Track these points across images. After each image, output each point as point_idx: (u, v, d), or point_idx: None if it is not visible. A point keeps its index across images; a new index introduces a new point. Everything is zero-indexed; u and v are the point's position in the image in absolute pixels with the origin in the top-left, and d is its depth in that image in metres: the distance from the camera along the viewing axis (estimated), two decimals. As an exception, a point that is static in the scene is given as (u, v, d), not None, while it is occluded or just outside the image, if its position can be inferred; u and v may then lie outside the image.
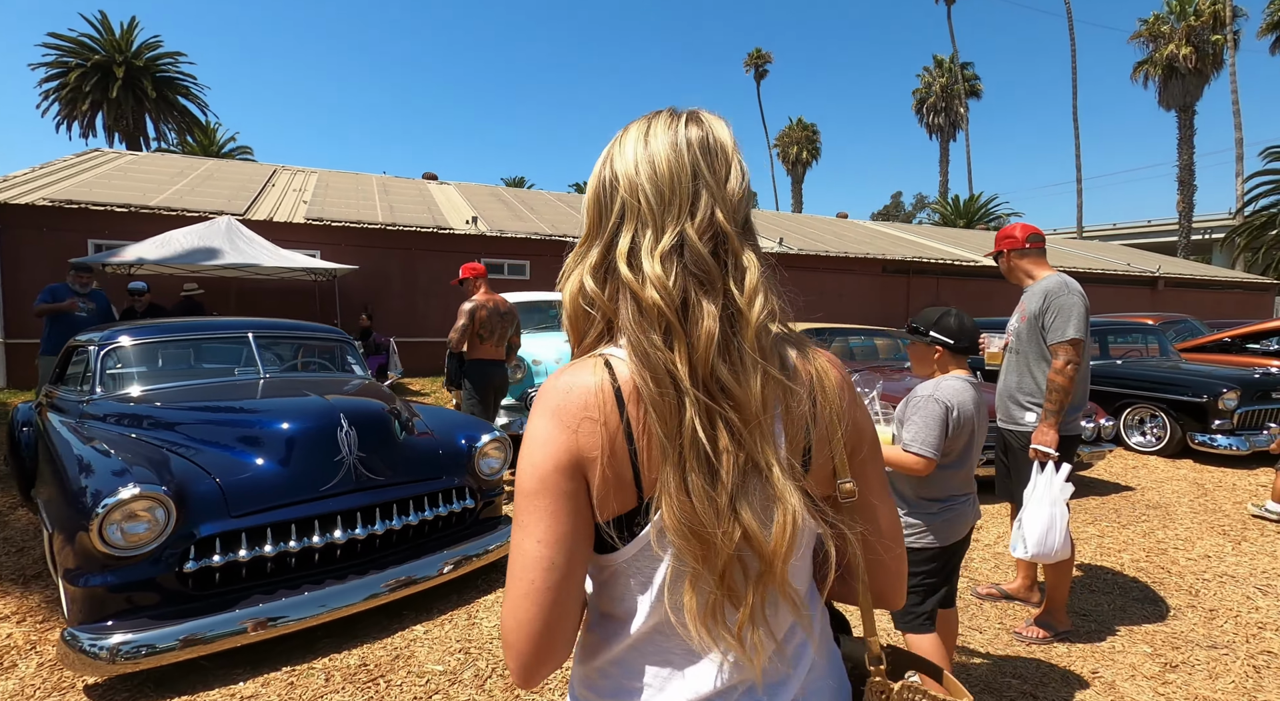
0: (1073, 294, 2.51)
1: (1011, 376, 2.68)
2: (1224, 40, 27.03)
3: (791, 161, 48.69)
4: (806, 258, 14.80)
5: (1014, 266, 2.73)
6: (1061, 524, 2.35)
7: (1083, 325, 2.47)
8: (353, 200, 12.61)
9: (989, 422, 2.14)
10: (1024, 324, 2.62)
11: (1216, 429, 5.67)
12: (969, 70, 39.51)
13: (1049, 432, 2.44)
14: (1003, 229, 2.79)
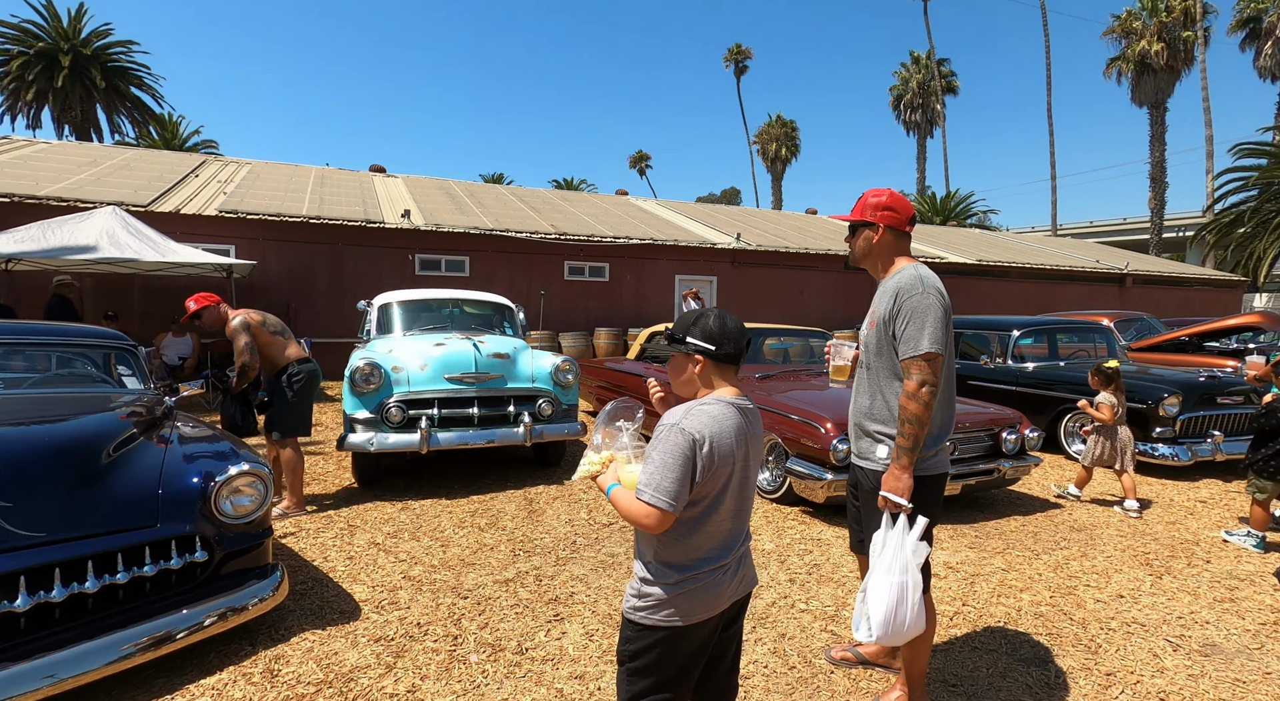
0: (929, 293, 1.93)
1: (862, 398, 2.11)
2: (1195, 37, 26.96)
3: (771, 158, 48.34)
4: (765, 253, 14.31)
5: (877, 248, 2.06)
6: (914, 596, 1.80)
7: (941, 334, 1.91)
8: (281, 192, 11.90)
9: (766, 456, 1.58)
10: (872, 331, 2.06)
11: (1157, 437, 5.22)
12: (946, 67, 39.30)
13: (901, 476, 1.88)
14: (868, 194, 2.09)
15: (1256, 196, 22.40)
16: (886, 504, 1.88)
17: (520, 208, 14.41)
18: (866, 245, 2.07)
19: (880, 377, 2.02)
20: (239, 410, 3.90)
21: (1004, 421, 4.31)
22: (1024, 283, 17.65)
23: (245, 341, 3.71)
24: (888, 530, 1.87)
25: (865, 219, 2.05)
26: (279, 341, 3.92)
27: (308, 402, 4.02)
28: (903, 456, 1.87)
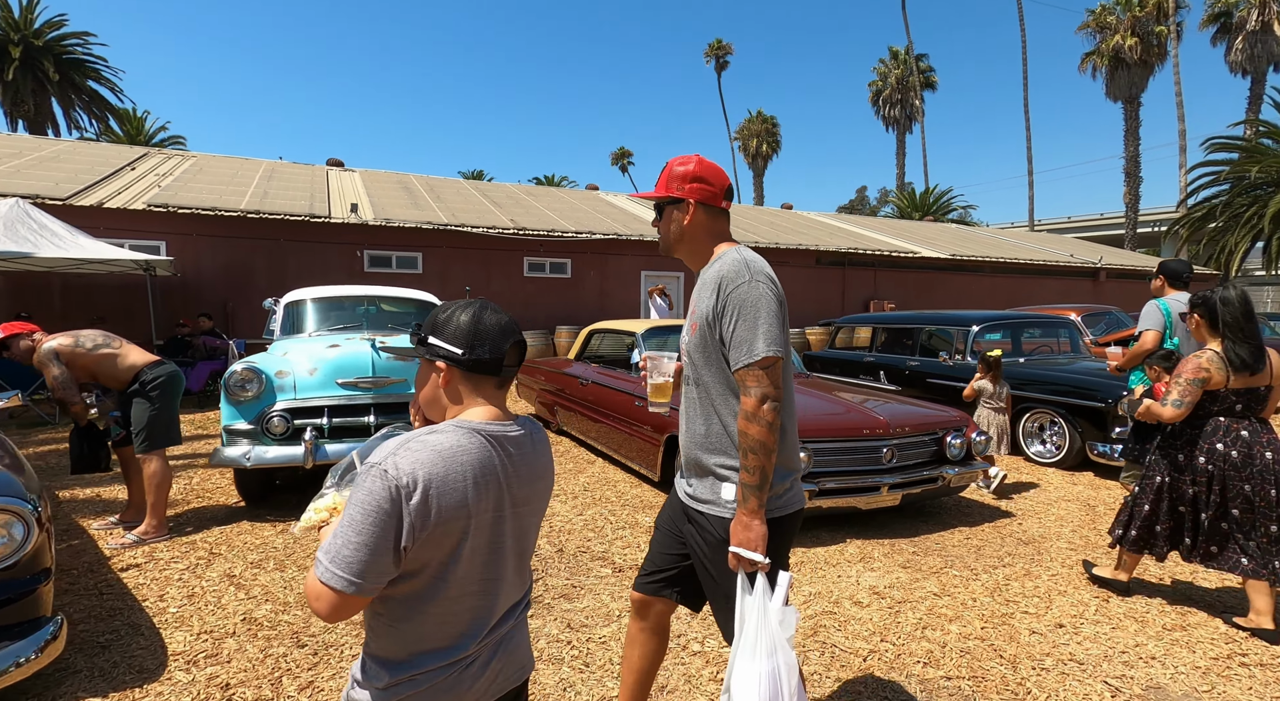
0: (757, 281, 1.47)
1: (694, 423, 1.60)
2: (1167, 31, 27.03)
3: (752, 154, 48.16)
4: (734, 249, 13.95)
5: (690, 231, 1.58)
6: (789, 681, 1.37)
7: (778, 332, 1.46)
8: (222, 186, 11.33)
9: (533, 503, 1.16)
10: (695, 336, 1.57)
11: (1117, 437, 4.92)
12: (924, 62, 39.26)
13: (752, 524, 1.41)
14: (673, 163, 1.60)
15: (1228, 191, 22.47)
16: (740, 562, 1.43)
17: (481, 202, 13.93)
18: (677, 229, 1.59)
19: (714, 395, 1.54)
20: (85, 444, 3.45)
21: (948, 423, 3.97)
22: (998, 277, 17.49)
23: (56, 374, 3.26)
24: (744, 596, 1.43)
25: (671, 194, 1.58)
26: (109, 355, 3.46)
27: (171, 408, 3.58)
28: (750, 497, 1.42)
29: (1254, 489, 2.49)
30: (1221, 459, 2.53)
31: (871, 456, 3.66)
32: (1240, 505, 2.52)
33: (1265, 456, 2.48)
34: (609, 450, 5.02)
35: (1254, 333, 2.48)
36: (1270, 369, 2.52)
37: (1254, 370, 2.48)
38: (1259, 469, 2.48)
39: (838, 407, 3.88)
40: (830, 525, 3.80)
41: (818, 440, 3.55)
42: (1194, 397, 2.53)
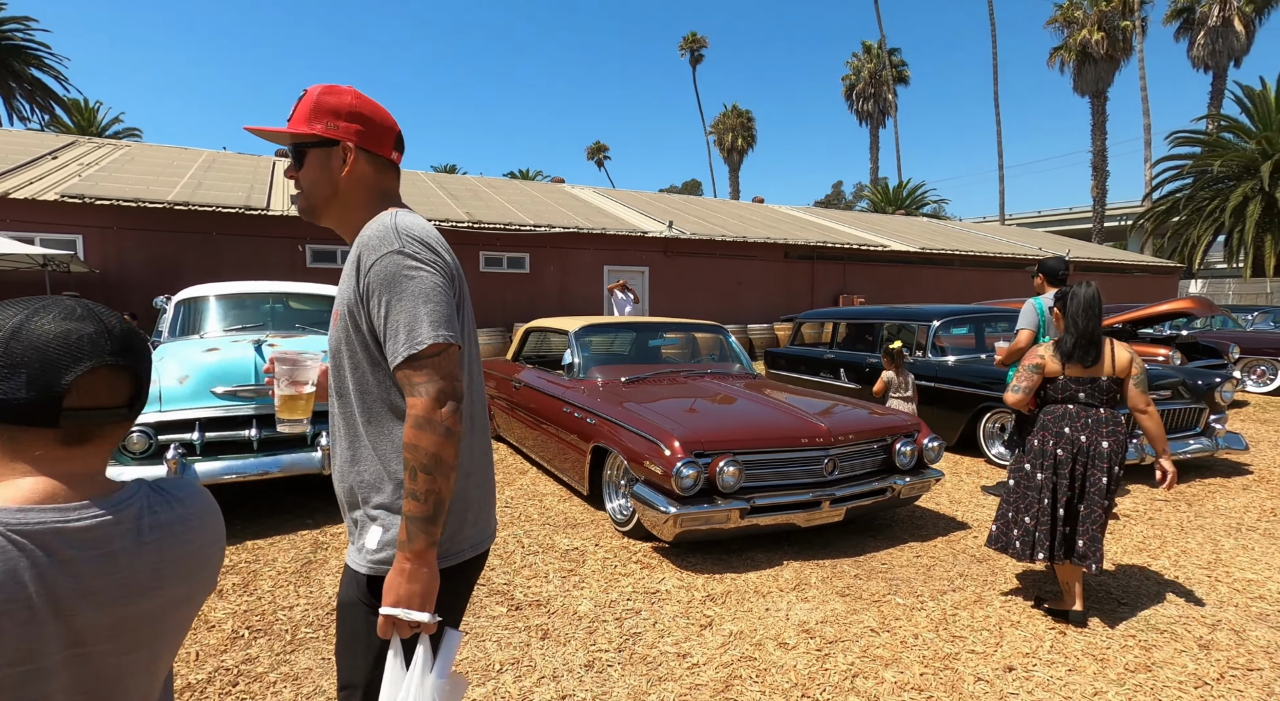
0: (408, 250, 1.07)
1: (340, 445, 1.18)
2: (1133, 26, 27.29)
3: (727, 149, 47.91)
4: (700, 242, 13.60)
5: (348, 188, 1.17)
6: None
7: (449, 311, 1.08)
8: (152, 176, 10.63)
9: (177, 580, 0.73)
10: (335, 329, 1.17)
11: (1080, 439, 4.64)
12: (897, 57, 39.30)
13: (418, 573, 1.02)
14: (317, 91, 1.15)
15: (1191, 185, 22.78)
16: (392, 626, 1.02)
17: (437, 195, 13.36)
18: (327, 184, 1.16)
19: (362, 407, 1.13)
20: None
21: (897, 429, 3.62)
22: (968, 271, 17.40)
23: None
24: (395, 671, 1.01)
25: (317, 134, 1.13)
26: None
27: None
28: (418, 535, 1.02)
29: (1084, 473, 2.63)
30: (1069, 443, 2.63)
31: (811, 468, 3.29)
32: (1080, 488, 2.64)
33: (1102, 444, 2.59)
34: (542, 459, 4.61)
35: (1086, 327, 2.61)
36: (1110, 363, 2.63)
37: (1083, 362, 2.62)
38: (1094, 454, 2.60)
39: (774, 413, 3.50)
40: (768, 545, 3.43)
41: (750, 451, 3.17)
42: (1031, 383, 2.73)
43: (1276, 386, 8.57)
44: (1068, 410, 2.66)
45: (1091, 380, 2.64)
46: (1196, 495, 4.41)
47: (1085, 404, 2.65)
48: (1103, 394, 2.64)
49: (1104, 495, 2.60)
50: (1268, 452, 5.57)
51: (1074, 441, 2.61)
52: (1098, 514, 2.60)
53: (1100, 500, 2.59)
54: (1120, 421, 2.65)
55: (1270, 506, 4.16)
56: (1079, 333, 2.62)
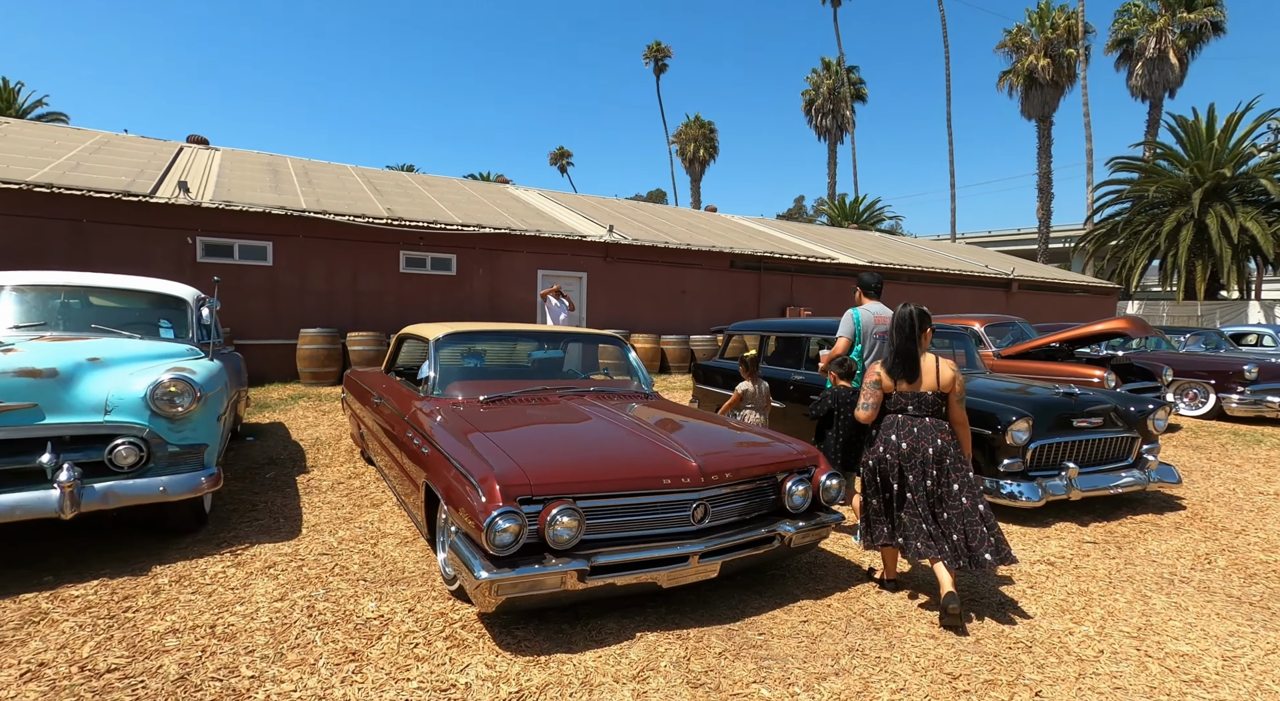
0: None
1: None
2: (1076, 54, 28.21)
3: (689, 159, 47.90)
4: (642, 248, 13.04)
5: None
6: None
7: None
8: (20, 156, 9.47)
9: None
10: None
11: (1005, 470, 4.18)
12: (855, 74, 39.95)
13: None
14: None
15: (1129, 209, 23.51)
16: None
17: (361, 190, 12.46)
18: None
19: None
20: None
21: (790, 464, 3.05)
22: (915, 286, 17.32)
23: None
24: None
25: None
26: None
27: None
28: None
29: (915, 479, 2.87)
30: (894, 449, 2.92)
31: (676, 514, 2.68)
32: (908, 492, 2.88)
33: (927, 451, 2.86)
34: (396, 490, 3.90)
35: (900, 347, 2.92)
36: (935, 378, 2.92)
37: (897, 375, 2.93)
38: (919, 461, 2.86)
39: (637, 445, 2.88)
40: (625, 610, 2.79)
41: (596, 495, 2.54)
42: (874, 399, 3.03)
43: (1209, 410, 8.45)
44: (897, 419, 2.97)
45: (917, 394, 2.93)
46: (1128, 536, 3.98)
47: (913, 415, 2.94)
48: (928, 406, 2.93)
49: (965, 491, 2.83)
50: (1200, 485, 5.25)
51: (897, 448, 2.91)
52: (963, 511, 2.82)
53: (960, 498, 2.83)
54: (945, 428, 2.93)
55: (1204, 551, 3.74)
56: (893, 349, 2.96)
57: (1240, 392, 8.14)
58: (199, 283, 9.17)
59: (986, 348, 8.40)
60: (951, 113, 33.14)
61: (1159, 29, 25.71)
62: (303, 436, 6.12)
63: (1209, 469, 5.75)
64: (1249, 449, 6.66)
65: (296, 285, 9.92)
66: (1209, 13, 25.41)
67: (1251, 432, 7.54)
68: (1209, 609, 3.00)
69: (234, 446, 5.57)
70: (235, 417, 5.29)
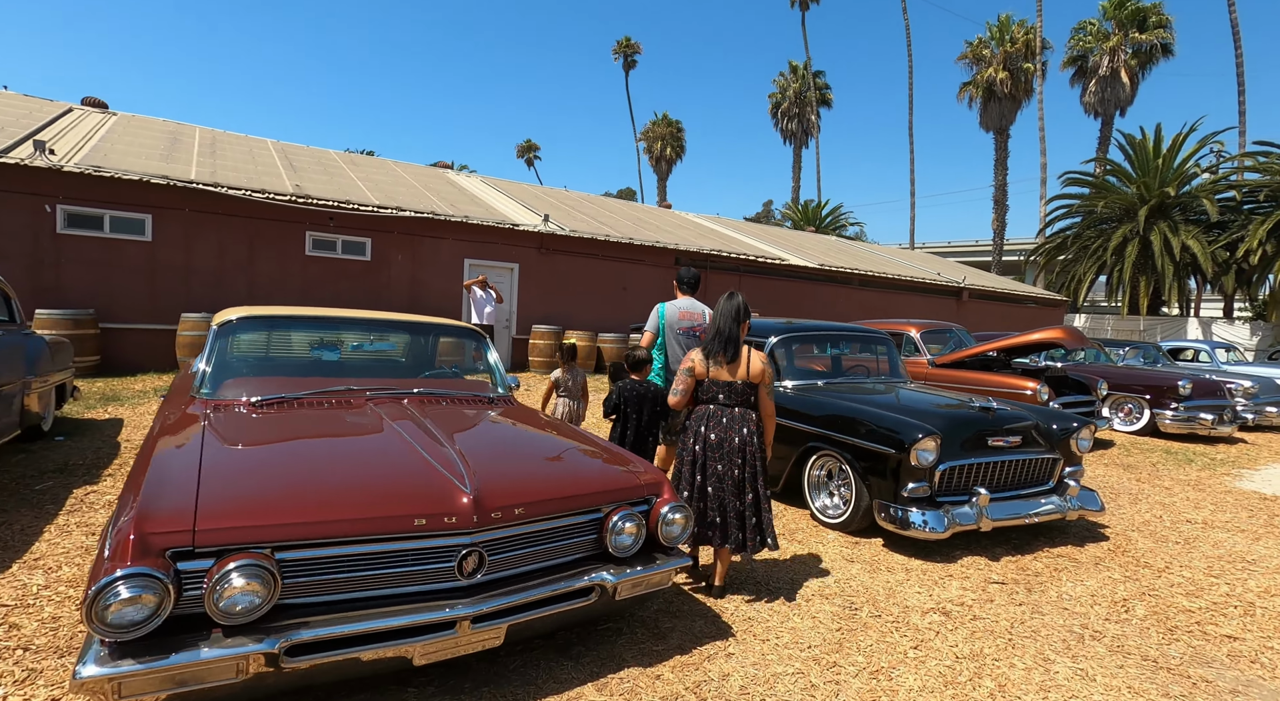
0: None
1: None
2: (1034, 69, 28.60)
3: (656, 157, 47.39)
4: (581, 241, 12.35)
5: None
6: None
7: None
8: None
9: None
10: None
11: (910, 496, 3.63)
12: (821, 79, 39.98)
13: None
14: None
15: (1079, 223, 23.85)
16: None
17: (273, 164, 11.44)
18: None
19: None
20: None
21: (617, 493, 2.41)
22: (866, 291, 17.06)
23: None
24: None
25: None
26: None
27: None
28: None
29: (724, 468, 2.90)
30: (703, 440, 2.93)
31: (435, 565, 2.00)
32: (714, 482, 2.90)
33: (734, 440, 2.90)
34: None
35: (724, 329, 2.93)
36: (745, 369, 2.92)
37: (717, 358, 2.93)
38: (727, 451, 2.89)
39: (396, 468, 2.19)
40: (379, 689, 2.10)
41: (302, 542, 1.83)
42: (684, 386, 3.02)
43: (1143, 425, 8.19)
44: (709, 410, 2.98)
45: (729, 384, 2.95)
46: (1041, 575, 3.47)
47: (724, 404, 2.96)
48: (738, 395, 2.95)
49: (754, 481, 2.91)
50: (1127, 509, 4.83)
51: (704, 438, 2.94)
52: (749, 500, 2.90)
53: (751, 487, 2.90)
54: (752, 418, 2.97)
55: (1122, 596, 3.25)
56: (716, 333, 2.96)
57: (1174, 409, 7.89)
58: (61, 258, 8.12)
59: (922, 355, 7.98)
60: (914, 122, 33.42)
61: (1112, 48, 26.20)
62: (134, 437, 5.24)
63: (1137, 491, 5.36)
64: (1179, 469, 6.34)
65: (180, 264, 8.91)
66: (1159, 34, 26.01)
67: (1184, 450, 7.28)
68: (1120, 679, 2.47)
69: (29, 446, 4.67)
70: (27, 412, 4.41)
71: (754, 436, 2.91)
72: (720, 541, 2.90)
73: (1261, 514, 4.88)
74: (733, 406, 2.93)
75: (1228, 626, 2.98)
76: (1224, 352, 12.51)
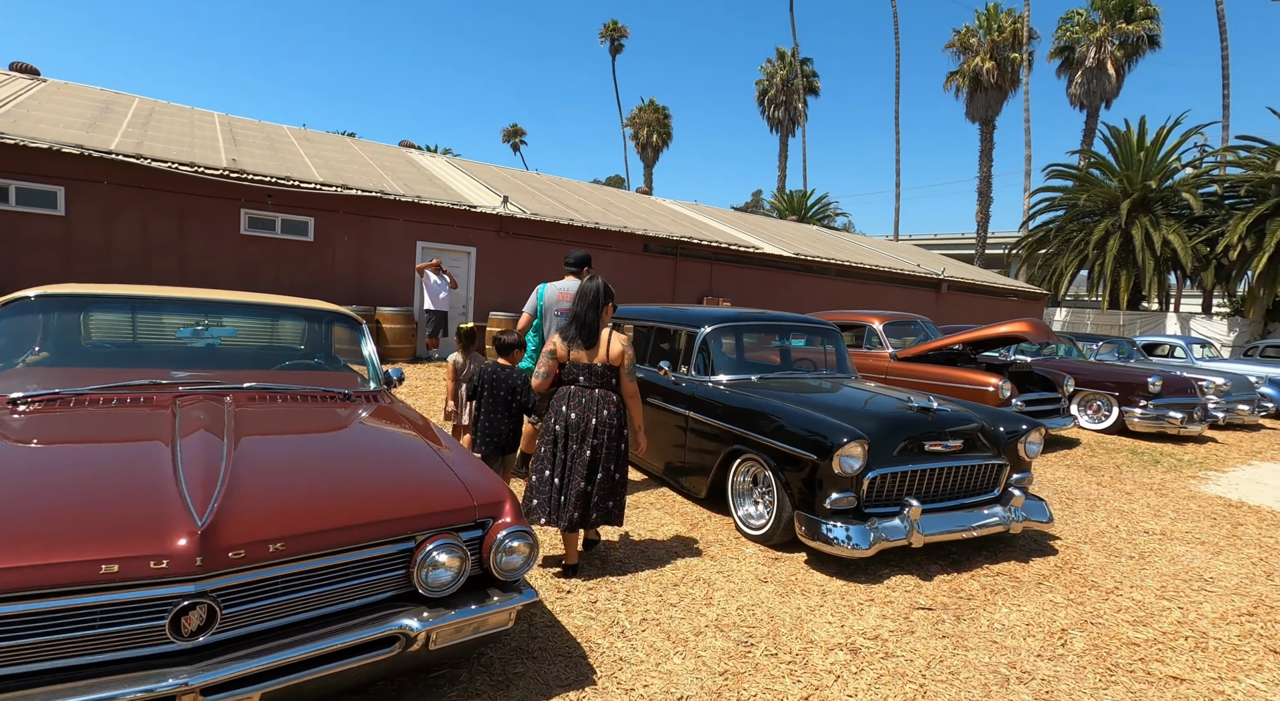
0: None
1: None
2: (1020, 59, 28.19)
3: (643, 144, 46.64)
4: (544, 224, 11.82)
5: None
6: None
7: None
8: None
9: None
10: None
11: (832, 507, 3.22)
12: (809, 66, 39.35)
13: None
14: None
15: (1062, 217, 23.59)
16: None
17: (212, 138, 10.78)
18: None
19: None
20: None
21: (439, 513, 1.96)
22: (843, 282, 16.69)
23: None
24: None
25: None
26: None
27: None
28: None
29: (576, 447, 2.92)
30: (563, 419, 2.94)
31: (139, 624, 1.54)
32: (564, 461, 2.92)
33: (591, 421, 2.93)
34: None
35: (582, 315, 2.95)
36: (605, 352, 2.96)
37: (575, 343, 2.97)
38: (584, 431, 2.92)
39: (101, 486, 1.71)
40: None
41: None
42: (546, 368, 3.05)
43: (1112, 423, 7.87)
44: (569, 391, 2.99)
45: (589, 366, 2.97)
46: (975, 597, 3.09)
47: (584, 385, 2.98)
48: (598, 377, 2.97)
49: (609, 461, 2.93)
50: (1083, 517, 4.47)
51: (565, 418, 2.93)
52: (599, 479, 2.91)
53: (604, 467, 2.92)
54: (613, 399, 2.99)
55: (1062, 625, 2.87)
56: (574, 317, 2.97)
57: (1143, 406, 7.57)
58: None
59: (884, 348, 7.60)
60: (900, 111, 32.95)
61: (1099, 38, 25.83)
62: None
63: (1096, 497, 5.01)
64: (1144, 471, 6.01)
65: (100, 242, 8.30)
66: (1146, 25, 25.66)
67: (1151, 450, 6.96)
68: (1041, 739, 2.07)
69: None
70: None
71: (614, 418, 2.94)
72: (554, 521, 2.89)
73: (1224, 523, 4.55)
74: (593, 388, 2.96)
75: (1175, 664, 2.60)
76: (1199, 348, 12.28)
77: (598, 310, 2.95)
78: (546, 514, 2.89)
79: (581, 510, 2.87)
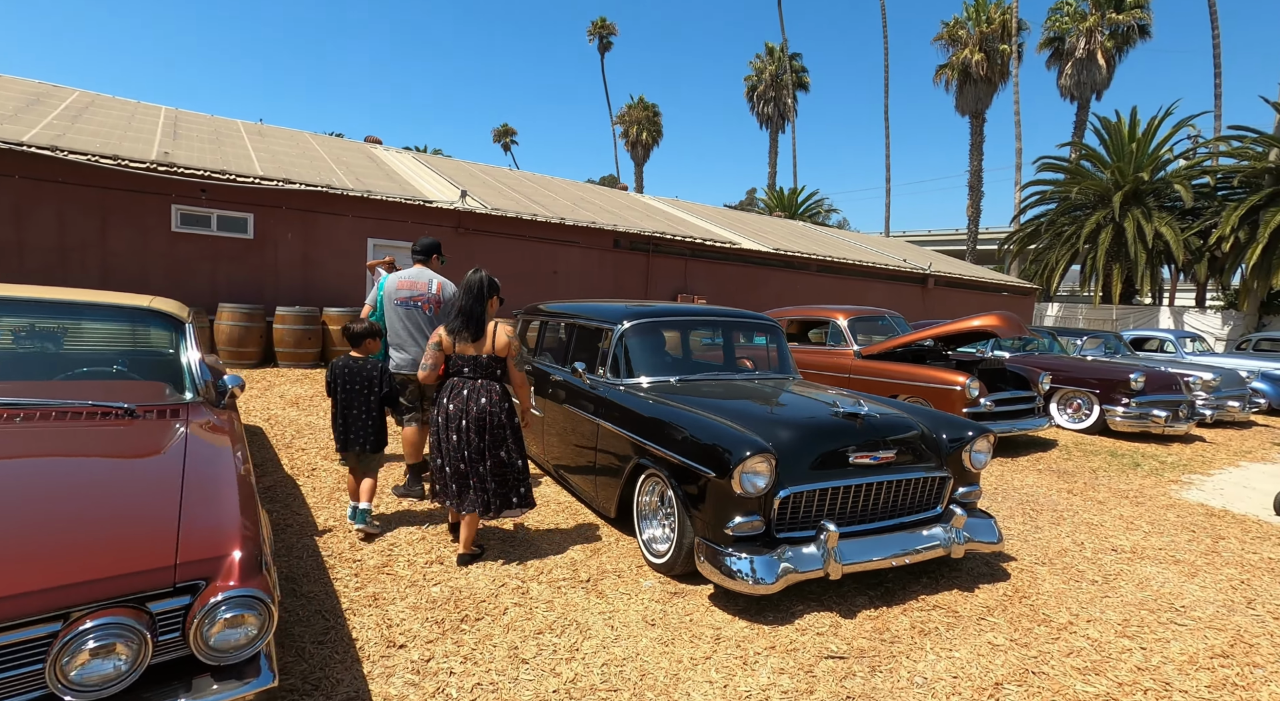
0: None
1: None
2: (1010, 51, 27.72)
3: (632, 142, 46.13)
4: (504, 220, 11.32)
5: None
6: None
7: None
8: None
9: None
10: None
11: (734, 533, 2.72)
12: (798, 62, 38.89)
13: None
14: None
15: (1053, 210, 23.11)
16: None
17: (149, 133, 10.26)
18: None
19: None
20: None
21: (101, 585, 1.45)
22: (824, 277, 16.19)
23: None
24: None
25: None
26: None
27: None
28: None
29: (460, 438, 2.95)
30: (444, 411, 2.99)
31: None
32: (453, 450, 2.97)
33: (473, 410, 2.95)
34: None
35: (468, 308, 2.96)
36: (491, 343, 2.99)
37: (460, 336, 2.98)
38: (466, 422, 2.94)
39: None
40: None
41: None
42: (433, 360, 3.07)
43: (1093, 423, 7.38)
44: (454, 383, 3.03)
45: (474, 358, 3.00)
46: (899, 639, 2.59)
47: (468, 377, 3.01)
48: (483, 369, 3.01)
49: (497, 448, 2.98)
50: (1046, 532, 3.98)
51: (445, 409, 2.99)
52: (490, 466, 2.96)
53: (492, 454, 2.97)
54: (495, 389, 3.02)
55: (996, 676, 2.37)
56: (459, 310, 2.99)
57: (1125, 404, 7.09)
58: None
59: (849, 345, 7.11)
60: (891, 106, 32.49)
61: (1089, 28, 25.36)
62: None
63: (1064, 506, 4.52)
64: (1122, 476, 5.53)
65: (12, 240, 7.79)
66: (1136, 14, 25.20)
67: (1132, 452, 6.48)
68: None
69: None
70: None
71: (495, 405, 2.96)
72: (457, 507, 2.98)
73: (1204, 536, 4.06)
74: (476, 379, 2.99)
75: (1130, 729, 2.11)
76: (1190, 342, 11.80)
77: (483, 302, 2.98)
78: (444, 501, 3.04)
79: (482, 500, 2.95)
